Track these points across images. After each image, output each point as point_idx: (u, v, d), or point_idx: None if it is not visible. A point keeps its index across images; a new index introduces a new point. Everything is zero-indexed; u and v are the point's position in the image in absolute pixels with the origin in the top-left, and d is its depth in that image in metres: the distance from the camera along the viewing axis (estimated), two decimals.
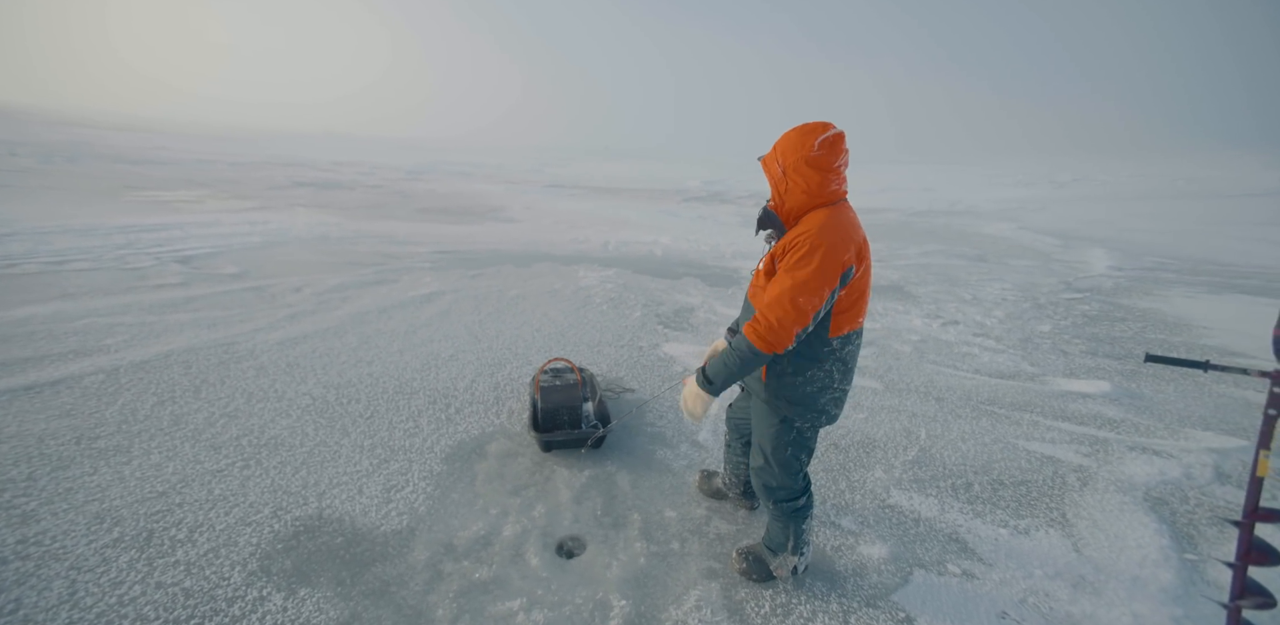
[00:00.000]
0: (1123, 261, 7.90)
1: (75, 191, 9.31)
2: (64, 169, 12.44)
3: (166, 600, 1.48)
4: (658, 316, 4.25)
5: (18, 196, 8.24)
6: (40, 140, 19.68)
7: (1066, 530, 1.96)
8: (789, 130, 1.37)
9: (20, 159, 13.41)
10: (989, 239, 10.19)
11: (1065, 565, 1.77)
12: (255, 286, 4.41)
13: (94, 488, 1.90)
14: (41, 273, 4.41)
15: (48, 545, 1.64)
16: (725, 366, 1.36)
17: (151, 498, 1.87)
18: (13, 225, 6.01)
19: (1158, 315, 5.09)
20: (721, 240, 8.28)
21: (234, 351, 3.10)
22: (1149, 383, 3.42)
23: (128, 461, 2.06)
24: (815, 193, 1.35)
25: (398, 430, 2.38)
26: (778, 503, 1.55)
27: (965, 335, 4.33)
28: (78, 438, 2.19)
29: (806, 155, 1.32)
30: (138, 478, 1.97)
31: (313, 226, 7.41)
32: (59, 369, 2.75)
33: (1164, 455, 2.50)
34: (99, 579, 1.53)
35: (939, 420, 2.78)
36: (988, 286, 6.22)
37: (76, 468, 2.01)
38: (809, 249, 1.25)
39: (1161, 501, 2.15)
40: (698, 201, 14.71)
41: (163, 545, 1.66)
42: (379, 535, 1.75)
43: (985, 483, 2.23)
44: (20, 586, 1.49)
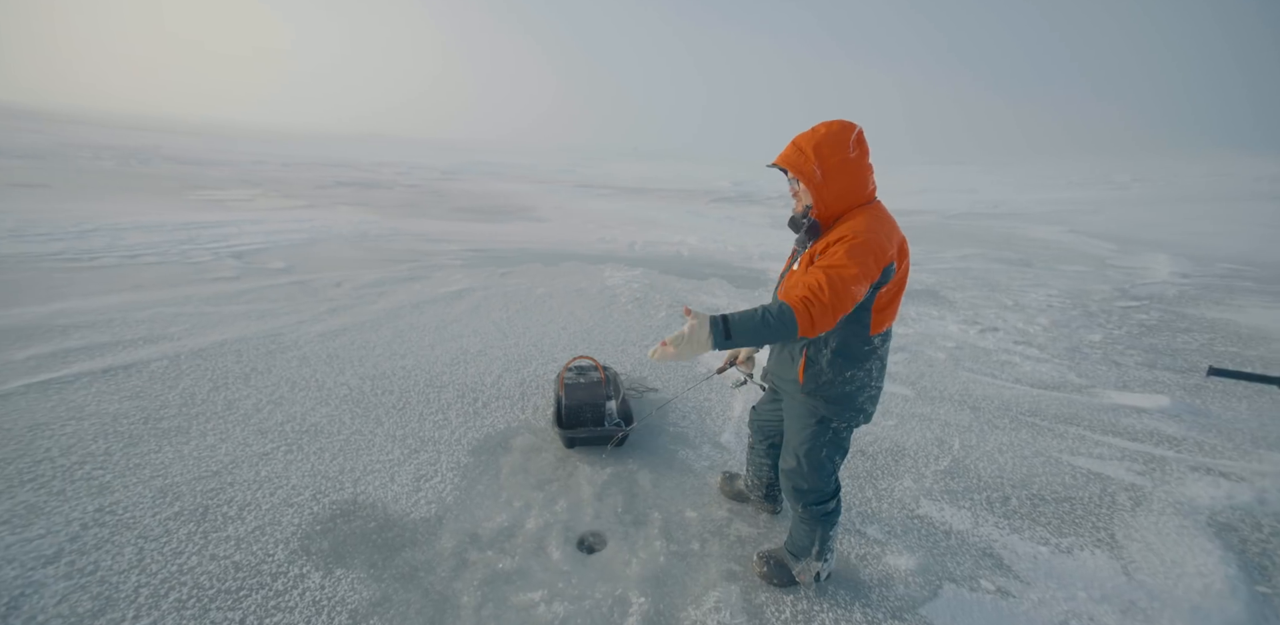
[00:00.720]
0: (1190, 268, 7.36)
1: (146, 191, 10.04)
2: (138, 170, 13.43)
3: (219, 571, 1.58)
4: (683, 317, 4.24)
5: (100, 195, 8.96)
6: (120, 144, 21.29)
7: (1115, 552, 1.85)
8: (816, 132, 1.31)
9: (103, 161, 14.55)
10: (1035, 243, 9.68)
11: (1113, 589, 1.67)
12: (300, 281, 4.65)
13: (158, 464, 2.06)
14: (119, 265, 4.78)
15: (120, 515, 1.78)
16: (754, 326, 1.14)
17: (207, 476, 2.00)
18: (96, 221, 6.54)
19: (1229, 326, 4.72)
20: (749, 241, 8.19)
21: (280, 342, 3.28)
22: (1217, 399, 3.18)
23: (186, 442, 2.21)
24: (856, 194, 1.33)
25: (428, 422, 2.46)
26: (807, 506, 1.53)
27: (1005, 343, 4.14)
28: (145, 418, 2.37)
29: (846, 156, 1.29)
30: (195, 457, 2.11)
31: (353, 224, 7.75)
32: (131, 354, 2.98)
33: (1233, 478, 2.32)
34: (162, 548, 1.66)
35: (974, 430, 2.68)
36: (1031, 292, 5.92)
37: (144, 445, 2.17)
38: (854, 243, 1.21)
39: (1229, 527, 2.00)
40: (726, 202, 14.60)
41: (216, 520, 1.78)
42: (409, 522, 1.82)
43: (1024, 497, 2.13)
44: (98, 551, 1.63)
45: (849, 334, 1.36)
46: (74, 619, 1.41)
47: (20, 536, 1.66)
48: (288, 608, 1.47)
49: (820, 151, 1.29)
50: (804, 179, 1.31)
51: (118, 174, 12.33)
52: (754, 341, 1.18)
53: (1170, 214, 13.72)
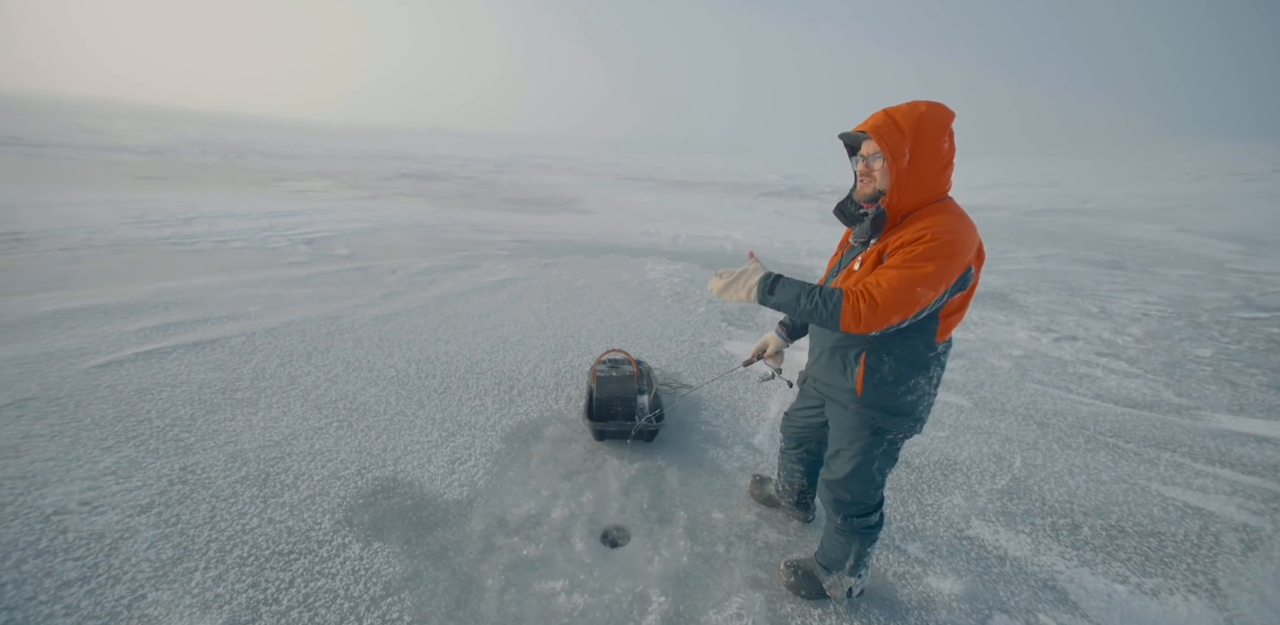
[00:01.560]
0: None
1: (240, 182, 11.06)
2: (234, 164, 14.81)
3: (274, 534, 1.72)
4: (722, 313, 4.15)
5: (202, 186, 9.97)
6: (221, 140, 23.61)
7: (1217, 601, 1.62)
8: (916, 108, 1.14)
9: (208, 156, 16.18)
10: (1131, 243, 8.67)
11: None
12: (360, 267, 4.95)
13: (231, 431, 2.26)
14: (213, 250, 5.30)
15: (199, 474, 1.97)
16: (797, 294, 1.14)
17: (269, 445, 2.18)
18: (198, 210, 7.28)
19: None
20: (798, 237, 7.87)
21: (339, 324, 3.51)
22: None
23: (255, 412, 2.41)
24: (936, 189, 1.20)
25: (465, 407, 2.55)
26: (847, 518, 1.44)
27: (1085, 354, 3.74)
28: (224, 388, 2.60)
29: (940, 145, 1.16)
30: (261, 427, 2.30)
31: (411, 214, 8.15)
32: (216, 330, 3.29)
33: None
34: (229, 508, 1.82)
35: (1040, 448, 2.43)
36: (1123, 298, 5.31)
37: (221, 413, 2.39)
38: (936, 244, 1.09)
39: None
40: (776, 196, 14.11)
41: (275, 487, 1.93)
42: (442, 503, 1.89)
43: (1099, 527, 1.92)
44: (180, 505, 1.81)
45: (915, 340, 1.25)
46: (158, 564, 1.57)
47: (123, 486, 1.88)
48: (330, 574, 1.58)
49: (920, 131, 1.13)
50: (890, 156, 1.14)
51: (218, 167, 13.65)
52: (790, 310, 1.16)
53: None
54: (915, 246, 1.11)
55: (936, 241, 1.10)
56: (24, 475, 1.89)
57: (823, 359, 1.41)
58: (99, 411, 2.31)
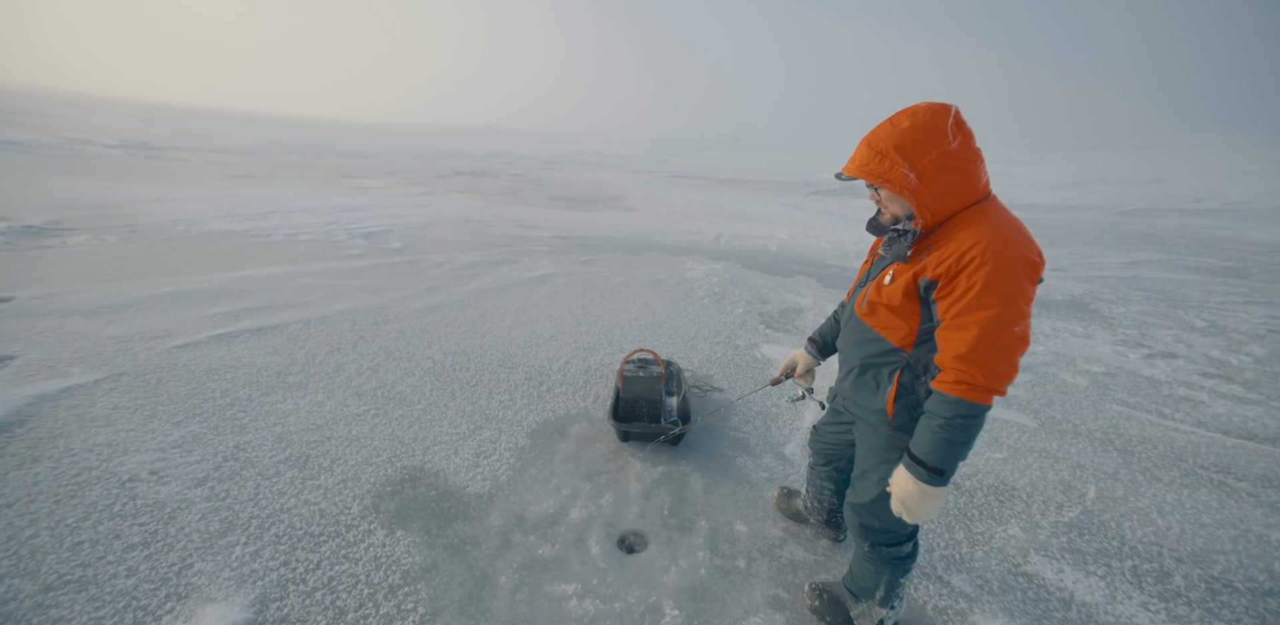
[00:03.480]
0: None
1: (313, 179, 11.95)
2: (312, 162, 16.03)
3: (308, 515, 1.80)
4: (761, 315, 3.98)
5: (282, 183, 10.86)
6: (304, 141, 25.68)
7: None
8: (896, 126, 1.05)
9: (291, 156, 17.64)
10: (1257, 248, 7.57)
11: None
12: (410, 260, 5.18)
13: (280, 413, 2.41)
14: (283, 242, 5.73)
15: (250, 453, 2.11)
16: (950, 444, 1.03)
17: (312, 429, 2.30)
18: (275, 205, 7.92)
19: None
20: (847, 237, 7.47)
21: (385, 315, 3.67)
22: None
23: (304, 396, 2.56)
24: (968, 190, 1.07)
25: (495, 401, 2.58)
26: (875, 546, 1.31)
27: (1187, 374, 3.28)
28: (279, 372, 2.79)
29: (946, 149, 1.03)
30: (307, 411, 2.44)
31: (461, 209, 8.46)
32: (278, 316, 3.54)
33: None
34: (271, 487, 1.93)
35: (1121, 479, 2.14)
36: (1240, 312, 4.63)
37: (274, 396, 2.55)
38: (996, 263, 0.98)
39: None
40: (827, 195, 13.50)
41: (313, 470, 2.03)
42: (464, 495, 1.92)
43: (1196, 578, 1.65)
44: (230, 481, 1.95)
45: None
46: (206, 535, 1.69)
47: (186, 459, 2.04)
48: (354, 559, 1.63)
49: (907, 151, 1.03)
50: (894, 188, 1.06)
51: (299, 165, 14.83)
52: (967, 450, 1.07)
53: None
54: (970, 278, 0.99)
55: (985, 268, 0.98)
56: (110, 443, 2.09)
57: (852, 376, 1.30)
58: (174, 388, 2.53)
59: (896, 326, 1.16)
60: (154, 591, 1.47)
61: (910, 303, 1.11)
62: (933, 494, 1.07)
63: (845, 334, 1.33)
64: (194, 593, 1.48)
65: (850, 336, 1.30)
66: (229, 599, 1.46)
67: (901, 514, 1.11)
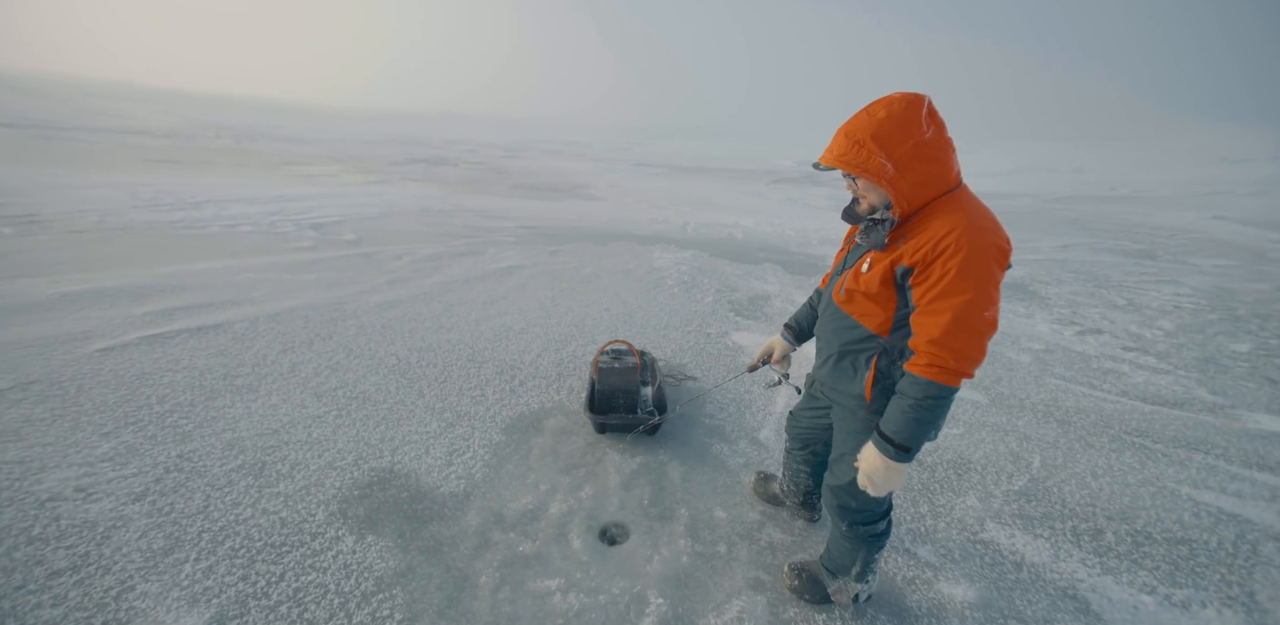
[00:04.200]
0: None
1: (250, 166, 11.07)
2: (247, 147, 14.84)
3: (268, 525, 1.70)
4: (730, 303, 4.04)
5: (215, 170, 10.00)
6: (234, 124, 23.66)
7: (1255, 616, 1.53)
8: (873, 116, 1.06)
9: (221, 140, 16.22)
10: (1163, 231, 8.31)
11: None
12: (366, 253, 4.91)
13: (230, 418, 2.24)
14: (220, 234, 5.30)
15: (195, 462, 1.96)
16: (918, 424, 1.08)
17: (267, 433, 2.16)
18: (209, 193, 7.30)
19: None
20: (810, 225, 7.67)
21: (342, 310, 3.47)
22: None
23: (255, 399, 2.39)
24: (941, 179, 1.10)
25: (465, 397, 2.51)
26: (853, 525, 1.37)
27: (1111, 348, 3.58)
28: (225, 374, 2.59)
29: (920, 139, 1.06)
30: (260, 415, 2.28)
31: (419, 199, 8.09)
32: (220, 315, 3.28)
33: None
34: (224, 497, 1.80)
35: (1061, 447, 2.33)
36: (1153, 290, 5.09)
37: (221, 400, 2.37)
38: (970, 250, 1.01)
39: None
40: (788, 183, 13.78)
41: (270, 477, 1.91)
42: (438, 496, 1.86)
43: (1124, 533, 1.82)
44: (175, 494, 1.80)
45: None
46: (149, 554, 1.56)
47: (119, 473, 1.87)
48: (321, 568, 1.55)
49: (884, 140, 1.05)
50: (872, 177, 1.08)
51: (231, 151, 13.68)
52: (934, 430, 1.14)
53: None
54: (946, 265, 1.02)
55: (966, 250, 1.01)
56: (22, 460, 1.89)
57: (830, 363, 1.33)
58: (100, 396, 2.30)
59: (873, 313, 1.19)
60: (87, 620, 1.35)
61: (887, 289, 1.14)
62: (897, 470, 1.12)
63: (823, 322, 1.36)
64: (137, 617, 1.37)
65: (828, 324, 1.33)
66: (180, 621, 1.36)
67: (866, 487, 1.16)
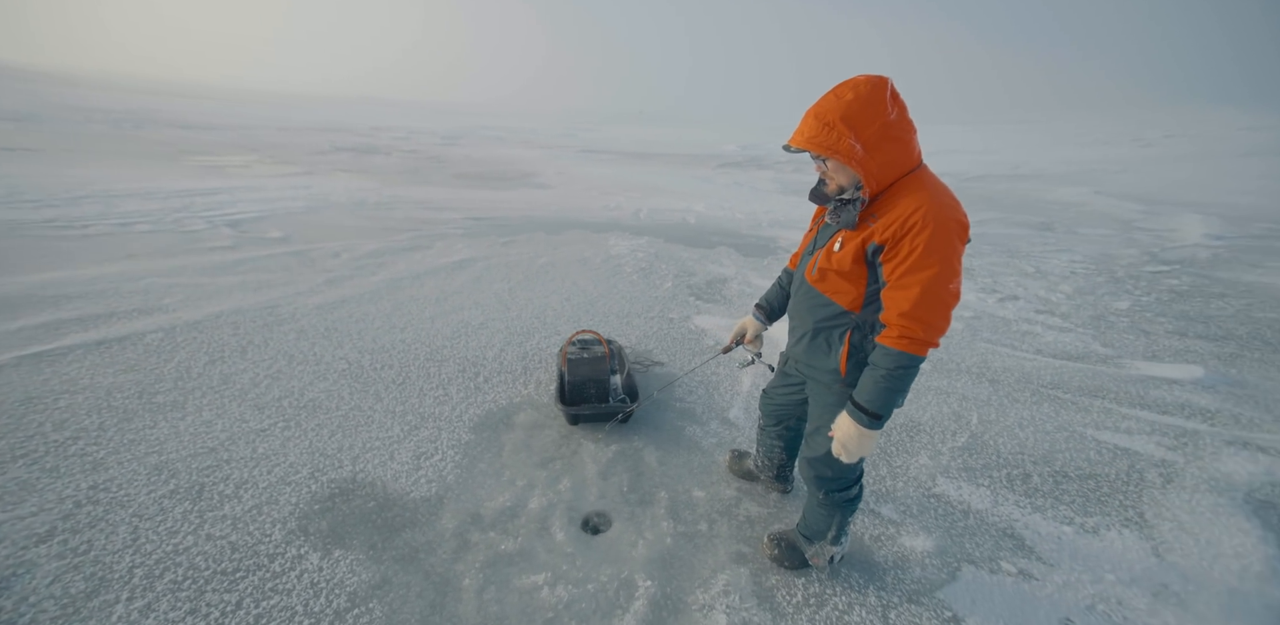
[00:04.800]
0: (1223, 229, 7.00)
1: (141, 156, 9.77)
2: (132, 134, 13.05)
3: (215, 552, 1.56)
4: (689, 287, 4.09)
5: (93, 160, 8.72)
6: (110, 107, 20.65)
7: (1145, 532, 1.78)
8: (841, 98, 1.09)
9: (95, 125, 14.14)
10: (1057, 205, 9.24)
11: (1143, 571, 1.61)
12: (297, 251, 4.52)
13: (154, 440, 2.02)
14: (111, 234, 4.66)
15: (114, 492, 1.75)
16: (890, 393, 1.15)
17: (203, 453, 1.96)
18: (88, 187, 6.37)
19: (1268, 290, 4.50)
20: (758, 208, 7.86)
21: (277, 314, 3.19)
22: (1255, 369, 3.03)
23: (183, 417, 2.16)
24: (906, 159, 1.15)
25: (428, 397, 2.40)
26: (829, 493, 1.44)
27: (1026, 312, 3.97)
28: (140, 392, 2.32)
29: (886, 120, 1.09)
30: (191, 433, 2.07)
31: (351, 192, 7.50)
32: (124, 326, 2.91)
33: (1273, 452, 2.22)
34: (157, 527, 1.63)
35: (993, 404, 2.57)
36: (1053, 258, 5.66)
37: (139, 420, 2.13)
38: (935, 226, 1.07)
39: (1268, 504, 1.92)
40: (734, 167, 14.00)
41: (212, 499, 1.75)
42: (409, 501, 1.78)
43: (1046, 474, 2.05)
44: (92, 529, 1.60)
45: None
46: (66, 600, 1.39)
47: (12, 514, 1.64)
48: (285, 590, 1.45)
49: (854, 122, 1.08)
50: (842, 158, 1.11)
51: (110, 138, 11.99)
52: (902, 398, 1.19)
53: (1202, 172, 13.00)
54: (914, 241, 1.08)
55: (932, 226, 1.07)
56: None
57: (805, 340, 1.37)
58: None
59: (846, 291, 1.24)
60: None
61: (859, 267, 1.19)
62: (869, 436, 1.20)
63: (796, 301, 1.40)
64: None
65: (802, 303, 1.37)
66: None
67: (840, 454, 1.24)
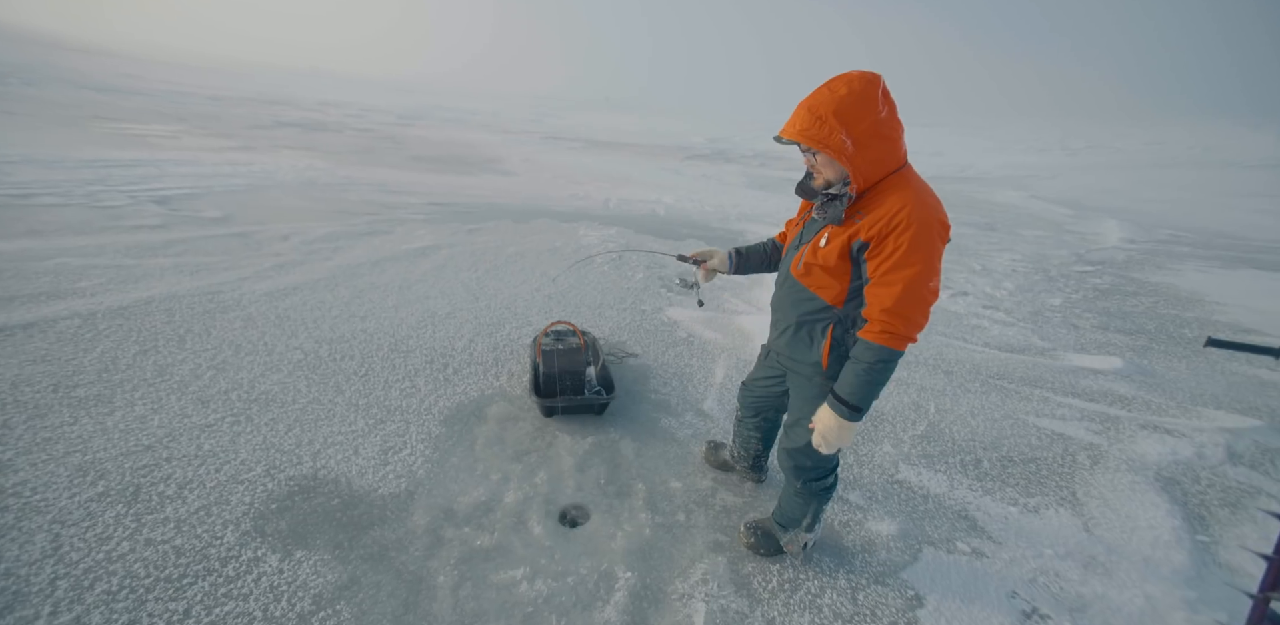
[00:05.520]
0: (1135, 233, 7.72)
1: (37, 118, 8.66)
2: (21, 93, 11.54)
3: (157, 558, 1.43)
4: (660, 279, 4.09)
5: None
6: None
7: (1077, 509, 1.95)
8: (835, 92, 1.09)
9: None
10: (999, 207, 9.88)
11: (1076, 545, 1.77)
12: (240, 233, 4.17)
13: (75, 439, 1.82)
14: (5, 206, 4.12)
15: (27, 497, 1.57)
16: (870, 386, 1.18)
17: (137, 451, 1.79)
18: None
19: (1170, 289, 5.00)
20: (726, 200, 7.94)
21: (219, 301, 2.94)
22: (1160, 360, 3.37)
23: (110, 412, 1.96)
24: (894, 158, 1.17)
25: (394, 390, 2.28)
26: (806, 482, 1.48)
27: (975, 307, 4.23)
28: (55, 385, 2.08)
29: (877, 117, 1.11)
30: (121, 430, 1.88)
31: (299, 170, 6.98)
32: (31, 311, 2.59)
33: (1176, 434, 2.48)
34: (85, 534, 1.48)
35: (948, 394, 2.73)
36: (997, 257, 6.06)
37: (55, 417, 1.91)
38: (919, 226, 1.10)
39: (1173, 481, 2.14)
40: (702, 159, 14.05)
41: (151, 501, 1.60)
42: (377, 498, 1.70)
43: (995, 459, 2.21)
44: (0, 539, 1.43)
45: None
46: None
47: None
48: (241, 595, 1.35)
49: (845, 117, 1.09)
50: (832, 153, 1.11)
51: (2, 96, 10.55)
52: (879, 391, 1.22)
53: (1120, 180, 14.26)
54: (899, 240, 1.10)
55: (916, 226, 1.10)
56: None
57: (788, 333, 1.39)
58: None
59: (829, 286, 1.26)
60: None
61: (844, 262, 1.22)
62: (849, 428, 1.24)
63: (780, 294, 1.42)
64: None
65: (786, 296, 1.39)
66: None
67: (820, 446, 1.27)
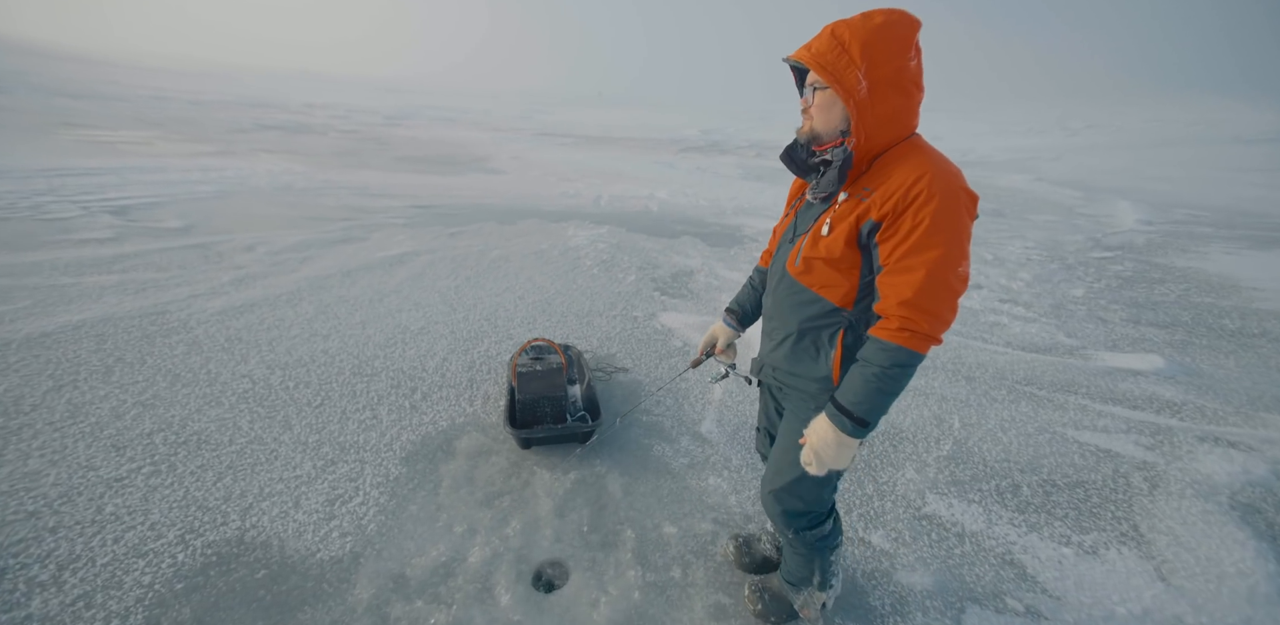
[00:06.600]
0: (1151, 214, 7.41)
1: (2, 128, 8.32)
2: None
3: None
4: (654, 281, 3.80)
5: None
6: None
7: (1144, 549, 1.67)
8: (870, 20, 0.89)
9: None
10: (1005, 191, 9.55)
11: (1153, 600, 1.49)
12: (200, 244, 3.88)
13: None
14: None
15: None
16: (882, 395, 0.94)
17: (15, 521, 1.49)
18: None
19: (1200, 275, 4.70)
20: (722, 194, 7.63)
21: (163, 322, 2.65)
22: (1205, 356, 3.08)
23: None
24: (907, 122, 0.95)
25: (351, 422, 2.01)
26: (799, 532, 1.22)
27: (991, 301, 3.95)
28: None
29: (904, 64, 0.89)
30: (2, 492, 1.59)
31: (275, 175, 6.67)
32: None
33: (1242, 447, 2.19)
34: None
35: (972, 405, 2.46)
36: (1009, 245, 5.76)
37: None
38: (942, 198, 0.88)
39: (1253, 509, 1.85)
40: (695, 152, 13.68)
41: (14, 593, 1.30)
42: (313, 565, 1.43)
43: (1035, 484, 1.94)
44: None
45: None
46: None
47: None
48: None
49: (871, 52, 0.88)
50: (840, 89, 0.90)
51: None
52: (892, 401, 0.97)
53: (1123, 159, 13.90)
54: (918, 214, 0.89)
55: (937, 201, 0.87)
56: None
57: (788, 344, 1.13)
58: None
59: (836, 283, 1.02)
60: None
61: (852, 252, 0.98)
62: (849, 445, 0.99)
63: (776, 298, 1.15)
64: None
65: (784, 300, 1.12)
66: None
67: (808, 463, 1.02)
